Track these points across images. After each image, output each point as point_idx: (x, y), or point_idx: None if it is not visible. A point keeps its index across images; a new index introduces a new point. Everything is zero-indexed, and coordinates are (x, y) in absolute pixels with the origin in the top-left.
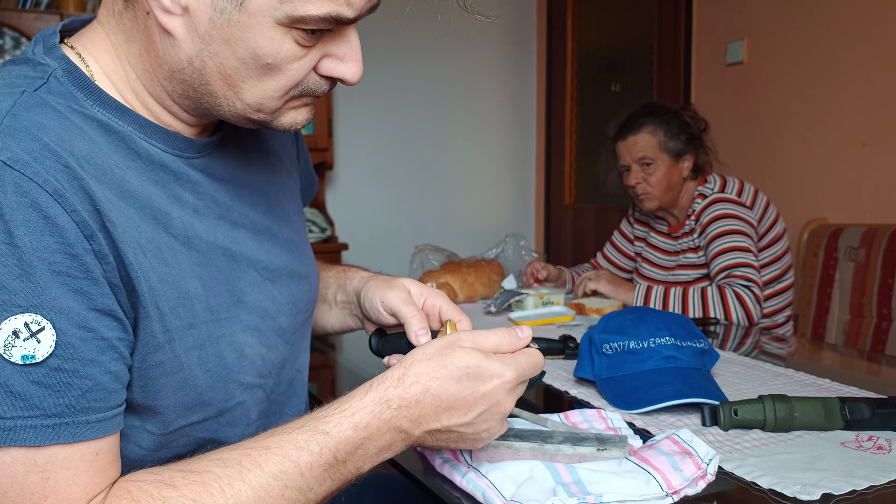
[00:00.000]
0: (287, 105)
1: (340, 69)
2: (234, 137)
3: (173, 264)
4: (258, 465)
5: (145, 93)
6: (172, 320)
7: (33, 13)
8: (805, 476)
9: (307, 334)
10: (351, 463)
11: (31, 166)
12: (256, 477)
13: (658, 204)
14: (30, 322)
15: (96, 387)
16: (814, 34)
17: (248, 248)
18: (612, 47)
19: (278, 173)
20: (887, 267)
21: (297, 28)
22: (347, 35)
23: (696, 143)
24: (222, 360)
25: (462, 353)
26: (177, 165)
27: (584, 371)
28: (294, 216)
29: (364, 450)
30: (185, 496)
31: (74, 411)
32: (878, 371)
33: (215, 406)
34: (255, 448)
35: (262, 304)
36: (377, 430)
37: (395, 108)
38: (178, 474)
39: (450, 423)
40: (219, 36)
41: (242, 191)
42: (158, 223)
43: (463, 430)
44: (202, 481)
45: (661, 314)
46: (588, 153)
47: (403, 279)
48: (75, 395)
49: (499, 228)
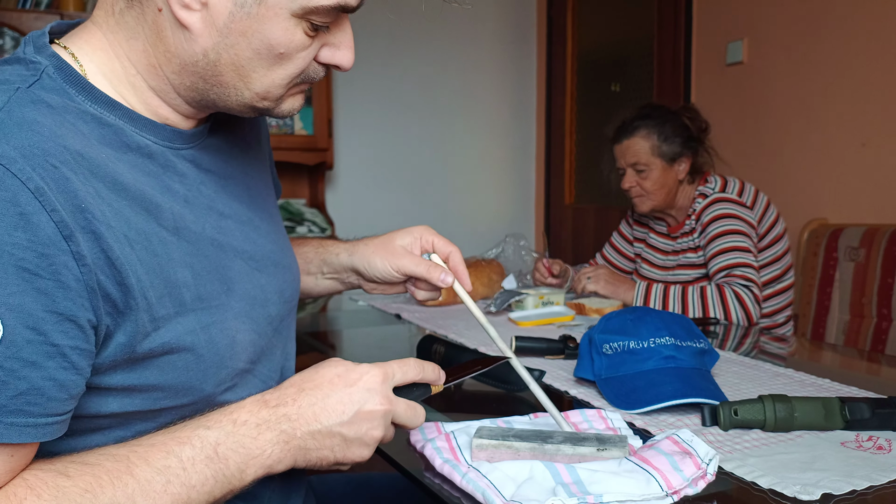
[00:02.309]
0: (288, 92)
1: (338, 56)
2: (221, 131)
3: (162, 255)
4: (144, 459)
5: (145, 87)
6: (159, 309)
7: (33, 13)
8: (805, 476)
9: (293, 324)
10: (233, 462)
11: (17, 163)
12: (142, 471)
13: (652, 206)
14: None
15: (32, 390)
16: (814, 34)
17: (234, 239)
18: (612, 47)
19: (257, 168)
20: (887, 267)
21: (307, 19)
22: (343, 25)
23: (694, 145)
24: (214, 346)
25: (330, 362)
26: (165, 157)
27: (584, 371)
28: (272, 210)
29: (245, 449)
30: (78, 486)
31: (5, 411)
32: (878, 371)
33: (206, 391)
34: (141, 445)
35: (252, 293)
36: (255, 427)
37: (395, 108)
38: (71, 465)
39: (329, 422)
40: (237, 28)
41: (227, 182)
42: (150, 214)
43: (345, 432)
44: (93, 473)
45: (661, 314)
46: (588, 153)
47: (395, 240)
48: (9, 395)
49: (499, 228)
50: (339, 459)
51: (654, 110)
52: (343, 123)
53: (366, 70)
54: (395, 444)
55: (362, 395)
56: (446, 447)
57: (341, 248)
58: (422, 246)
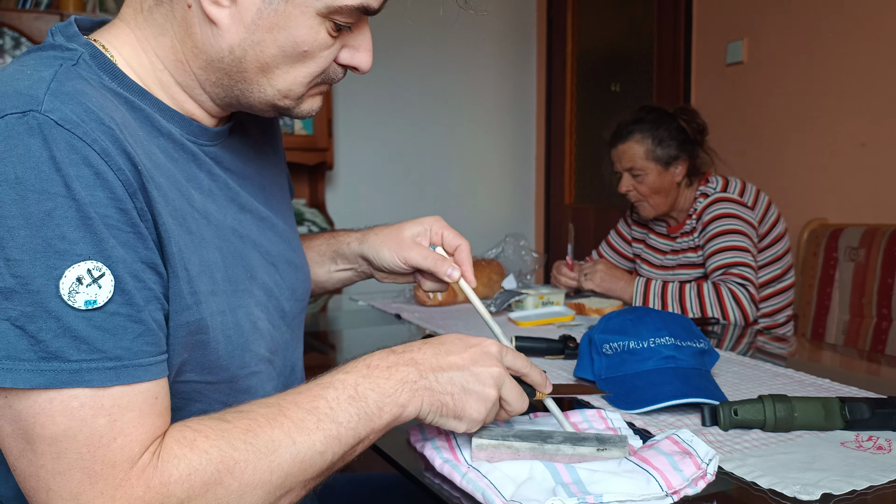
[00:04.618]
0: (308, 92)
1: (357, 58)
2: (239, 132)
3: (196, 233)
4: (294, 403)
5: (172, 82)
6: (198, 284)
7: (33, 13)
8: (805, 476)
9: (302, 324)
10: (371, 400)
11: (80, 126)
12: (294, 412)
13: (656, 213)
14: (92, 269)
15: (148, 331)
16: (814, 34)
17: (253, 233)
18: (611, 47)
19: (272, 170)
20: (887, 267)
21: (331, 19)
22: (363, 28)
23: (690, 148)
24: (240, 329)
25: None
26: (191, 149)
27: (584, 371)
28: (287, 211)
29: (381, 388)
30: (239, 427)
31: (132, 354)
32: (878, 371)
33: (230, 371)
34: (288, 394)
35: (268, 285)
36: (387, 369)
37: (395, 108)
38: (228, 413)
39: (451, 370)
40: (264, 25)
41: (244, 182)
42: (182, 195)
43: (464, 382)
44: (250, 417)
45: (661, 314)
46: (588, 153)
47: (404, 231)
48: (131, 338)
49: (499, 228)
50: (458, 411)
51: (649, 114)
52: (343, 123)
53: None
54: (396, 444)
55: (480, 355)
56: (446, 447)
57: (352, 238)
58: (431, 237)
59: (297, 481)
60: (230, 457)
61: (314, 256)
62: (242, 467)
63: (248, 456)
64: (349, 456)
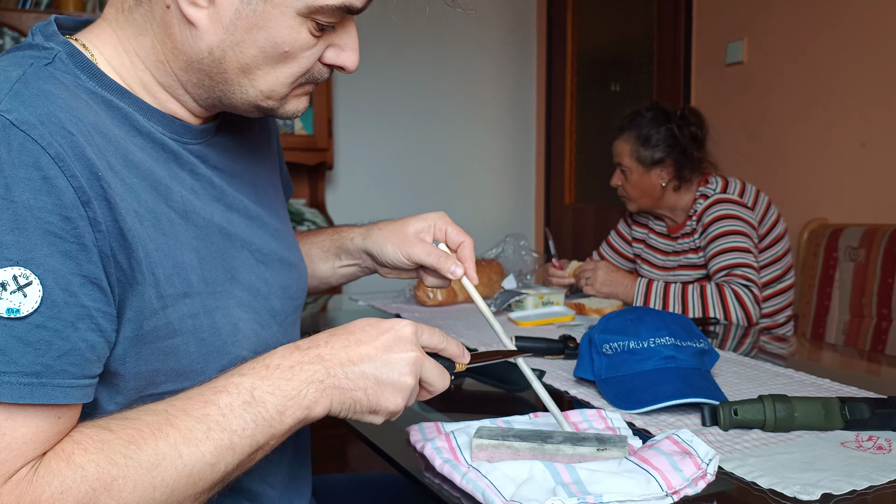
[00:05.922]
0: (293, 93)
1: (342, 58)
2: (229, 129)
3: (170, 234)
4: (183, 411)
5: (154, 82)
6: (167, 287)
7: (33, 13)
8: (805, 476)
9: (298, 322)
10: (270, 404)
11: (37, 128)
12: (183, 422)
13: (636, 207)
14: (18, 275)
15: (73, 351)
16: (814, 34)
17: (241, 231)
18: (612, 47)
19: (265, 167)
20: (887, 267)
21: (313, 18)
22: (348, 27)
23: (677, 153)
24: (216, 331)
25: (360, 319)
26: (174, 148)
27: (584, 371)
28: (280, 209)
29: (281, 391)
30: (121, 438)
31: (52, 372)
32: (878, 371)
33: (207, 375)
34: (178, 399)
35: (255, 284)
36: (289, 369)
37: (395, 108)
38: (112, 421)
39: (362, 363)
40: (242, 26)
41: (234, 180)
42: (159, 195)
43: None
44: (135, 426)
45: (661, 314)
46: (588, 153)
47: (408, 226)
48: (54, 355)
49: (499, 228)
50: (373, 405)
51: (647, 112)
52: (343, 123)
53: (366, 70)
54: (395, 444)
55: (394, 341)
56: (446, 447)
57: (356, 233)
58: (434, 234)
59: (185, 496)
60: (108, 473)
61: (318, 252)
62: (121, 484)
63: (129, 472)
64: (247, 463)
